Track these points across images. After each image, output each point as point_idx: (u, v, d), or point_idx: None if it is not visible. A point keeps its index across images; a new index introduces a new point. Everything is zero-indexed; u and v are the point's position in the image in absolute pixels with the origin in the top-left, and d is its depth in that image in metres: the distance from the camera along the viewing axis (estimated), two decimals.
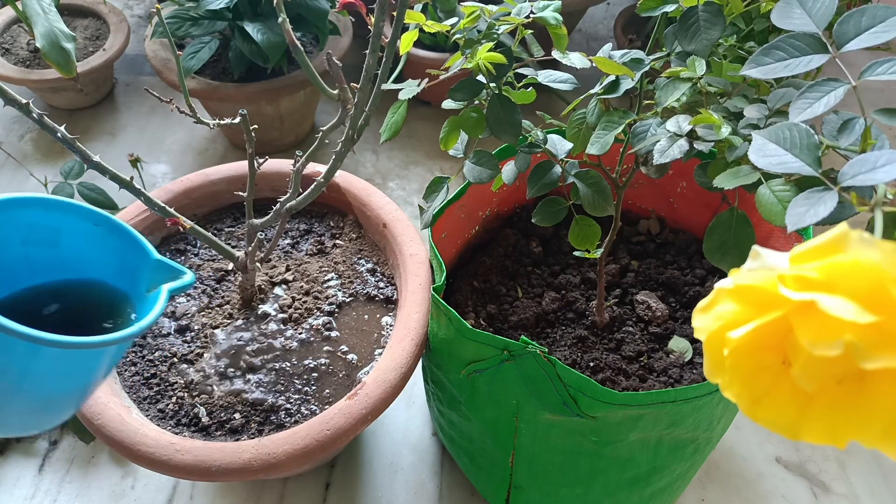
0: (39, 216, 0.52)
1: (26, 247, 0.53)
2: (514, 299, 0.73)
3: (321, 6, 1.02)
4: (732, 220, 0.45)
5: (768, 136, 0.34)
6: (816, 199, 0.31)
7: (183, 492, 0.79)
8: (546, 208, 0.55)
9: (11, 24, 1.24)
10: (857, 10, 0.36)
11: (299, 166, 0.59)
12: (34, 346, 0.42)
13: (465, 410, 0.65)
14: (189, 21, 1.00)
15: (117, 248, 0.54)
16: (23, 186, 1.13)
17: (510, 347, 0.54)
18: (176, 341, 0.68)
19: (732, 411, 0.62)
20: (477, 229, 0.79)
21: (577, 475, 0.62)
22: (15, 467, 0.80)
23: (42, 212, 0.52)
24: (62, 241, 0.54)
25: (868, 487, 0.79)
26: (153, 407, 0.64)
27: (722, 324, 0.27)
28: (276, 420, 0.63)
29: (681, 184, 0.77)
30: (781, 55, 0.37)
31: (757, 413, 0.28)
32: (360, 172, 1.19)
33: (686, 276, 0.74)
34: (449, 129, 0.55)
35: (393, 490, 0.79)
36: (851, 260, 0.25)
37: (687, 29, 0.47)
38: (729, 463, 0.81)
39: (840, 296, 0.24)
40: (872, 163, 0.30)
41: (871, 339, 0.24)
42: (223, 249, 0.65)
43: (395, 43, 0.47)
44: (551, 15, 0.50)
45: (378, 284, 0.74)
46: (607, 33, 1.53)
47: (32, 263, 0.54)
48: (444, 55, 1.16)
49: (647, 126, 0.47)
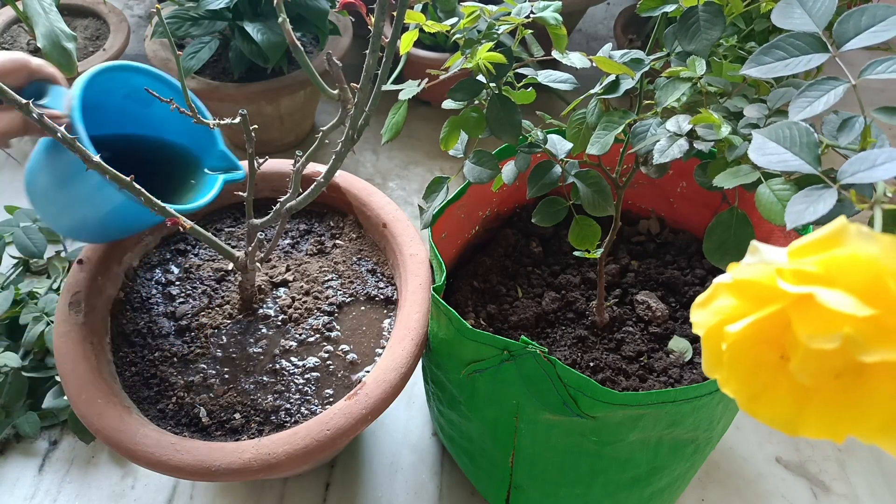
0: (143, 80, 0.65)
1: (125, 101, 0.67)
2: (514, 299, 0.73)
3: (321, 6, 1.02)
4: (732, 219, 0.45)
5: (768, 135, 0.35)
6: (816, 196, 0.31)
7: (183, 492, 0.78)
8: (546, 208, 0.55)
9: (11, 24, 1.24)
10: (857, 10, 0.36)
11: (299, 166, 0.59)
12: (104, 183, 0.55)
13: (465, 410, 0.65)
14: (189, 21, 1.00)
15: (194, 127, 0.64)
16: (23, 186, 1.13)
17: (510, 347, 0.54)
18: (176, 341, 0.68)
19: (732, 411, 0.62)
20: (477, 229, 0.79)
21: (577, 475, 0.62)
22: (15, 467, 0.80)
23: (146, 78, 0.65)
24: (154, 105, 0.67)
25: (868, 487, 0.79)
26: (153, 407, 0.64)
27: (720, 318, 0.27)
28: (276, 420, 0.63)
29: (681, 184, 0.77)
30: (781, 54, 0.37)
31: (755, 408, 0.28)
32: (360, 172, 1.19)
33: (686, 276, 0.74)
34: (449, 129, 0.55)
35: (393, 490, 0.79)
36: (850, 254, 0.25)
37: (687, 29, 0.47)
38: (729, 463, 0.81)
39: (838, 289, 0.24)
40: (872, 160, 0.30)
41: (869, 333, 0.24)
42: (223, 249, 0.65)
43: (396, 43, 0.47)
44: (551, 15, 0.50)
45: (378, 284, 0.74)
46: (607, 33, 1.53)
47: (126, 115, 0.68)
48: (444, 55, 1.16)
49: (647, 126, 0.47)
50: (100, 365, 0.63)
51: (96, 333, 0.66)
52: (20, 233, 0.92)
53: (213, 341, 0.68)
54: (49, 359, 0.84)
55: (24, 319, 0.84)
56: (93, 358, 0.63)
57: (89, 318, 0.67)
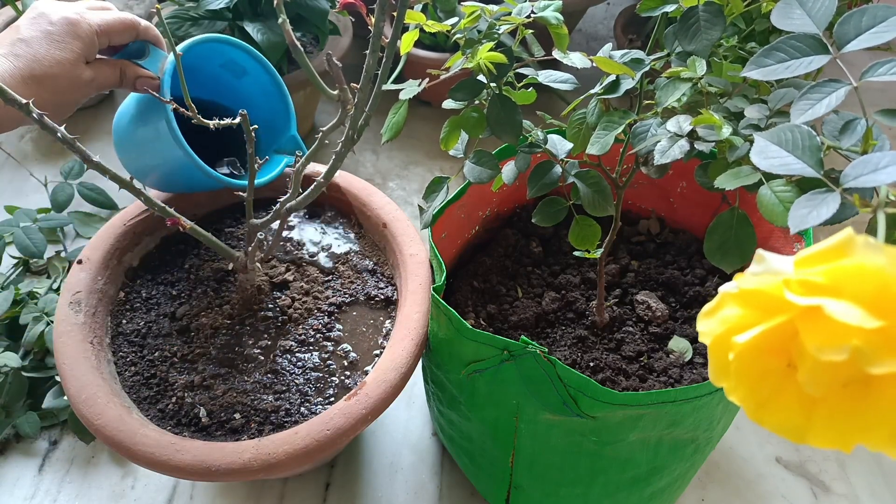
0: (239, 56, 0.71)
1: (220, 69, 0.73)
2: (514, 299, 0.73)
3: (321, 6, 1.02)
4: (733, 220, 0.45)
5: (770, 138, 0.34)
6: (819, 200, 0.31)
7: (183, 492, 0.78)
8: (546, 208, 0.55)
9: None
10: (858, 11, 0.36)
11: (299, 166, 0.59)
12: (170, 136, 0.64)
13: (465, 410, 0.65)
14: (189, 21, 1.00)
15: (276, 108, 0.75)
16: (23, 186, 1.13)
17: (510, 347, 0.53)
18: (176, 341, 0.68)
19: (732, 411, 0.62)
20: (477, 229, 0.79)
21: (577, 475, 0.62)
22: (15, 467, 0.80)
23: (243, 54, 0.71)
24: (245, 79, 0.74)
25: (868, 487, 0.79)
26: (153, 407, 0.64)
27: (727, 328, 0.27)
28: (276, 420, 0.63)
29: (681, 184, 0.77)
30: (782, 56, 0.37)
31: (762, 417, 0.28)
32: (360, 172, 1.19)
33: (686, 276, 0.74)
34: (449, 129, 0.54)
35: (393, 490, 0.79)
36: (857, 264, 0.24)
37: (687, 29, 0.47)
38: (729, 463, 0.81)
39: (846, 300, 0.24)
40: (875, 164, 0.30)
41: (876, 344, 0.23)
42: (223, 249, 0.65)
43: (396, 43, 0.47)
44: (552, 15, 0.50)
45: (378, 284, 0.74)
46: (607, 33, 1.53)
47: (219, 83, 0.75)
48: (444, 55, 1.16)
49: (648, 126, 0.47)
50: (100, 365, 0.63)
51: (96, 333, 0.66)
52: (20, 233, 0.92)
53: (213, 341, 0.68)
54: (49, 359, 0.84)
55: (24, 319, 0.84)
56: (93, 358, 0.63)
57: (89, 318, 0.66)
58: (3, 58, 0.57)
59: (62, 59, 0.58)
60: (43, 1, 0.61)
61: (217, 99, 0.77)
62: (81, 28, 0.59)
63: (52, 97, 0.59)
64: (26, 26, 0.59)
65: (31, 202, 1.08)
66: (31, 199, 1.10)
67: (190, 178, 0.70)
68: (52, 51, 0.58)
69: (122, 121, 0.72)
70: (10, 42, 0.58)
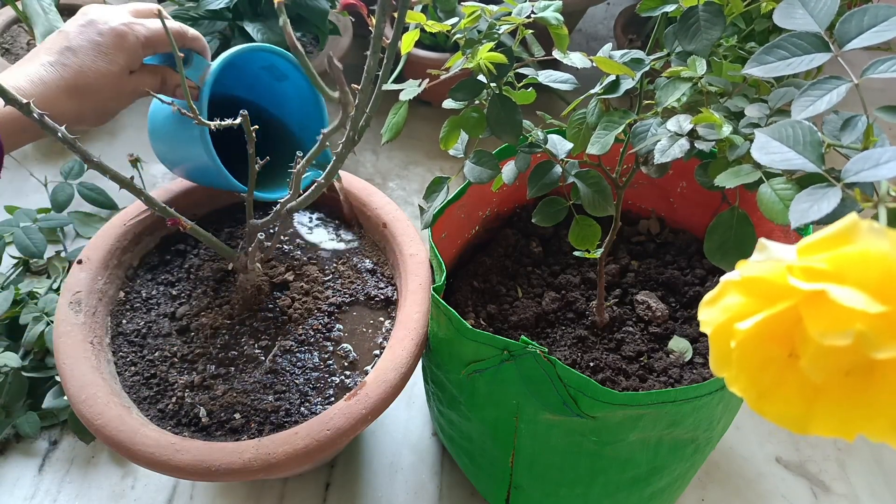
0: (281, 63, 0.72)
1: (262, 71, 0.74)
2: (514, 299, 0.73)
3: (321, 6, 1.02)
4: (733, 219, 0.45)
5: (771, 134, 0.34)
6: (820, 195, 0.31)
7: (183, 492, 0.78)
8: (546, 208, 0.55)
9: (11, 24, 1.24)
10: (859, 10, 0.36)
11: (300, 167, 0.59)
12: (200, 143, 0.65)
13: (465, 410, 0.65)
14: (189, 21, 1.00)
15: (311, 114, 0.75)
16: (23, 187, 1.13)
17: (510, 347, 0.53)
18: (176, 341, 0.68)
19: (732, 411, 0.62)
20: (477, 229, 0.79)
21: (577, 475, 0.62)
22: (15, 467, 0.80)
23: (284, 62, 0.72)
24: (285, 83, 0.75)
25: (868, 487, 0.79)
26: (153, 407, 0.64)
27: (729, 316, 0.27)
28: (276, 420, 0.63)
29: (681, 184, 0.77)
30: (784, 54, 0.37)
31: (764, 407, 0.28)
32: (360, 172, 1.19)
33: (686, 276, 0.74)
34: (449, 129, 0.54)
35: (393, 490, 0.79)
36: (861, 250, 0.24)
37: (687, 29, 0.47)
38: (729, 463, 0.81)
39: (849, 286, 0.24)
40: (875, 159, 0.30)
41: (880, 329, 0.23)
42: (223, 249, 0.65)
43: (396, 44, 0.47)
44: (552, 15, 0.50)
45: (378, 284, 0.74)
46: (607, 33, 1.53)
47: (259, 83, 0.76)
48: (444, 55, 1.16)
49: (648, 126, 0.47)
50: (100, 365, 0.63)
51: (96, 333, 0.66)
52: (20, 233, 0.92)
53: (213, 341, 0.68)
54: (49, 359, 0.84)
55: (24, 319, 0.84)
56: (93, 358, 0.63)
57: (89, 318, 0.66)
58: (50, 66, 0.57)
59: (107, 71, 0.59)
60: (94, 7, 0.61)
61: (255, 99, 0.78)
62: (128, 41, 0.59)
63: (95, 106, 0.59)
64: (76, 34, 0.59)
65: (31, 202, 1.08)
66: (31, 199, 1.10)
67: (216, 181, 0.71)
68: (98, 62, 0.58)
69: (158, 115, 0.72)
70: (59, 50, 0.58)
